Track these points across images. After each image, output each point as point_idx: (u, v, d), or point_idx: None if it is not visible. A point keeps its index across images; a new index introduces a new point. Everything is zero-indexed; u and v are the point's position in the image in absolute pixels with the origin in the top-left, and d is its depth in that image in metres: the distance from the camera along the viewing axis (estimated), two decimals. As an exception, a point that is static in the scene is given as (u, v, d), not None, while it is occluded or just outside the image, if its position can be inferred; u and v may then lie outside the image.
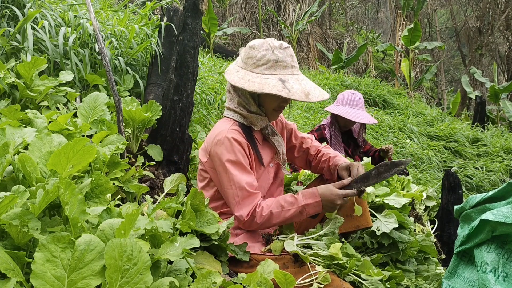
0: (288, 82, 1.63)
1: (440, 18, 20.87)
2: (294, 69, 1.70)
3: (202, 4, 2.60)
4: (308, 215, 1.69)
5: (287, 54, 1.68)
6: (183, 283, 1.23)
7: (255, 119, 1.77)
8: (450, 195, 2.85)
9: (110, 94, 2.67)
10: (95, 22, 2.50)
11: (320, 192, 1.68)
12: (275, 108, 1.77)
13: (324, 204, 1.67)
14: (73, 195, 1.15)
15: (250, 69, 1.69)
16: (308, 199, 1.67)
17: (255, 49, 1.69)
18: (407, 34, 11.15)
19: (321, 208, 1.67)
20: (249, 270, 1.57)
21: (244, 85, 1.65)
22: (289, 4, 14.34)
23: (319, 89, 1.72)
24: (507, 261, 1.33)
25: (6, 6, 2.82)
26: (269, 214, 1.65)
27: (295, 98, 1.61)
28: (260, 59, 1.66)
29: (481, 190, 5.98)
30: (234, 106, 1.79)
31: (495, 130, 8.74)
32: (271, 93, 1.60)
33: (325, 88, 8.45)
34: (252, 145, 1.77)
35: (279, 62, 1.66)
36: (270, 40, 1.70)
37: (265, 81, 1.63)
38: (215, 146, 1.71)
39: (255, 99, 1.76)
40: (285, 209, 1.66)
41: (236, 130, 1.74)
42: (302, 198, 1.68)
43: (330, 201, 1.67)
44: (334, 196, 1.66)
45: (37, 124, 1.91)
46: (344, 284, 1.53)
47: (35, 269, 0.96)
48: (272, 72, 1.65)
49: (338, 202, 1.66)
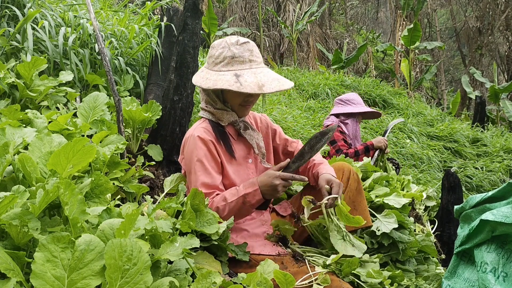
0: (242, 77, 1.66)
1: (440, 18, 20.87)
2: (253, 63, 1.72)
3: (202, 4, 2.60)
4: (251, 204, 1.66)
5: (244, 49, 1.71)
6: (183, 283, 1.23)
7: (220, 114, 1.82)
8: (450, 195, 2.85)
9: (110, 94, 2.67)
10: (95, 22, 2.50)
11: (259, 180, 1.67)
12: (241, 104, 1.80)
13: (263, 191, 1.65)
14: (73, 195, 1.15)
15: (210, 67, 1.76)
16: (248, 188, 1.66)
17: (214, 48, 1.76)
18: (407, 34, 11.15)
19: (260, 195, 1.65)
20: (249, 270, 1.57)
21: (201, 83, 1.72)
22: (289, 4, 14.33)
23: (278, 80, 1.71)
24: (507, 261, 1.33)
25: (6, 6, 2.82)
26: (215, 209, 1.66)
27: (247, 91, 1.63)
28: (218, 57, 1.73)
29: (481, 190, 5.98)
30: (204, 105, 1.87)
31: (495, 130, 8.73)
32: (223, 88, 1.64)
33: (325, 88, 8.45)
34: (223, 140, 1.81)
35: (235, 58, 1.70)
36: (228, 38, 1.76)
37: (220, 77, 1.68)
38: (185, 144, 1.82)
39: (219, 96, 1.82)
40: (228, 201, 1.66)
41: (204, 127, 1.80)
42: (242, 188, 1.68)
43: (269, 185, 1.64)
44: (271, 178, 1.64)
45: (37, 124, 1.91)
46: (343, 284, 1.53)
47: (35, 269, 0.96)
48: (229, 68, 1.70)
49: (276, 182, 1.62)
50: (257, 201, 1.66)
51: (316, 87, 8.57)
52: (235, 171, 1.83)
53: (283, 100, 6.84)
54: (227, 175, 1.80)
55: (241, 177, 1.84)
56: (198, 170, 1.72)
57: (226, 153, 1.81)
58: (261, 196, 1.65)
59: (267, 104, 5.55)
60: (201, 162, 1.72)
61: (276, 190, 1.64)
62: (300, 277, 1.54)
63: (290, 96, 7.62)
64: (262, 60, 1.78)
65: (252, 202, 1.66)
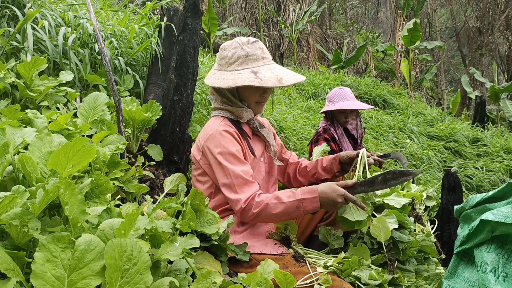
0: (260, 73, 1.71)
1: (440, 18, 20.86)
2: (266, 60, 1.78)
3: (202, 4, 2.60)
4: (305, 210, 1.66)
5: (256, 47, 1.77)
6: (183, 283, 1.23)
7: (240, 111, 1.83)
8: (450, 195, 2.85)
9: (110, 94, 2.67)
10: (95, 22, 2.50)
11: (320, 189, 1.67)
12: (257, 101, 1.85)
13: (322, 201, 1.65)
14: (73, 195, 1.15)
15: (224, 69, 1.78)
16: (306, 194, 1.66)
17: (226, 50, 1.79)
18: (407, 34, 11.15)
19: (318, 204, 1.65)
20: (249, 270, 1.57)
21: (220, 84, 1.73)
22: (289, 4, 14.34)
23: (293, 74, 1.78)
24: (507, 261, 1.33)
25: (6, 6, 2.82)
26: (265, 205, 1.64)
27: (268, 85, 1.68)
28: (231, 57, 1.76)
29: (481, 190, 5.98)
30: (219, 105, 1.87)
31: (495, 130, 8.74)
32: (244, 85, 1.67)
33: (325, 88, 8.45)
34: (243, 136, 1.83)
35: (249, 56, 1.74)
36: (237, 39, 1.79)
37: (238, 76, 1.71)
38: (207, 141, 1.76)
39: (235, 96, 1.83)
40: (281, 201, 1.64)
41: (227, 124, 1.81)
42: (300, 192, 1.67)
43: (330, 199, 1.64)
44: (335, 194, 1.64)
45: (37, 124, 1.91)
46: (344, 284, 1.53)
47: (35, 269, 0.96)
48: (244, 67, 1.73)
49: (339, 200, 1.64)
50: (313, 208, 1.66)
51: (316, 87, 8.57)
52: (253, 167, 1.83)
53: (283, 100, 6.84)
54: None
55: (256, 174, 1.85)
56: (232, 161, 1.70)
57: (248, 149, 1.84)
58: (319, 205, 1.65)
59: (267, 104, 5.55)
60: (233, 154, 1.71)
61: (335, 206, 1.67)
62: (300, 277, 1.54)
63: (290, 96, 7.62)
64: (271, 58, 1.83)
65: (308, 208, 1.66)
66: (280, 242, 1.79)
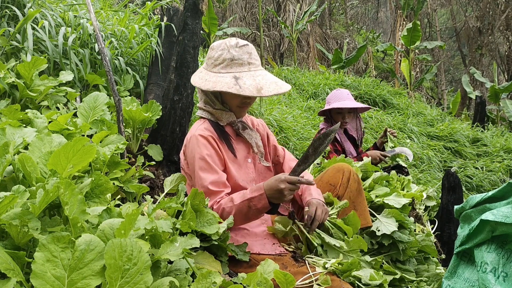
0: (241, 79, 1.68)
1: (440, 18, 20.86)
2: (252, 65, 1.74)
3: (202, 4, 2.60)
4: (257, 209, 1.64)
5: (243, 51, 1.73)
6: (183, 283, 1.23)
7: (219, 114, 1.84)
8: (450, 195, 2.85)
9: (110, 94, 2.67)
10: (95, 22, 2.50)
11: (266, 184, 1.65)
12: (238, 105, 1.83)
13: (269, 195, 1.62)
14: (73, 195, 1.15)
15: (209, 69, 1.77)
16: (254, 192, 1.65)
17: (213, 50, 1.78)
18: (407, 34, 11.14)
19: (266, 200, 1.62)
20: (249, 270, 1.57)
21: (201, 85, 1.73)
22: (289, 4, 14.32)
23: (276, 83, 1.72)
24: (507, 261, 1.33)
25: (6, 6, 2.82)
26: (222, 210, 1.66)
27: (246, 93, 1.65)
28: (217, 58, 1.74)
29: (481, 190, 5.97)
30: (202, 105, 1.88)
31: (495, 130, 8.73)
32: (222, 90, 1.66)
33: (325, 88, 8.44)
34: (224, 139, 1.82)
35: (235, 60, 1.72)
36: (227, 40, 1.77)
37: (219, 79, 1.69)
38: (187, 145, 1.82)
39: (217, 97, 1.83)
40: (234, 203, 1.65)
41: (205, 127, 1.81)
42: (249, 192, 1.67)
43: (274, 189, 1.61)
44: (277, 182, 1.60)
45: (37, 124, 1.91)
46: (344, 284, 1.53)
47: (35, 269, 0.96)
48: (228, 70, 1.72)
49: (282, 186, 1.59)
50: (263, 205, 1.63)
51: (316, 87, 8.56)
52: (237, 169, 1.83)
53: (283, 100, 6.84)
54: (230, 174, 1.80)
55: (242, 177, 1.84)
56: (204, 168, 1.71)
57: (229, 152, 1.82)
58: (267, 200, 1.62)
59: (267, 104, 5.55)
60: (205, 160, 1.72)
61: (283, 194, 1.60)
62: (300, 277, 1.54)
63: (290, 96, 7.61)
64: (260, 63, 1.80)
65: (258, 206, 1.63)
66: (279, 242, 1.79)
